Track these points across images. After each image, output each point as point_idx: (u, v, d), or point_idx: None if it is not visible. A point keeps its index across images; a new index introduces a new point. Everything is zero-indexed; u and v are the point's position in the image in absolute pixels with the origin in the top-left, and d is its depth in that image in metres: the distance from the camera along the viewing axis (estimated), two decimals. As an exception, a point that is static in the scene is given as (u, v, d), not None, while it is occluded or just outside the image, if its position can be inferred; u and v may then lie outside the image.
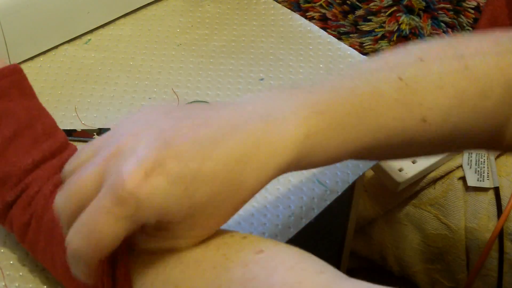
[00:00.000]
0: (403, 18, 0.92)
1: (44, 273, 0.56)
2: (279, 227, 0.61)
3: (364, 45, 0.95)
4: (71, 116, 0.70)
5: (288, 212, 0.62)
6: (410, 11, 0.93)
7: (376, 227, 0.98)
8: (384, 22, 0.93)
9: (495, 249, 0.87)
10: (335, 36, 0.85)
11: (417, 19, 0.92)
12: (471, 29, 0.94)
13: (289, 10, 0.85)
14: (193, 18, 0.83)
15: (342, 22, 0.96)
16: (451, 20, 0.93)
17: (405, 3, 0.92)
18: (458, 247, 0.90)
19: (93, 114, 0.70)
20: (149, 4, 0.84)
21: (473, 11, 0.94)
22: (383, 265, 1.01)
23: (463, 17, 0.94)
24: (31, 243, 0.52)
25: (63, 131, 0.67)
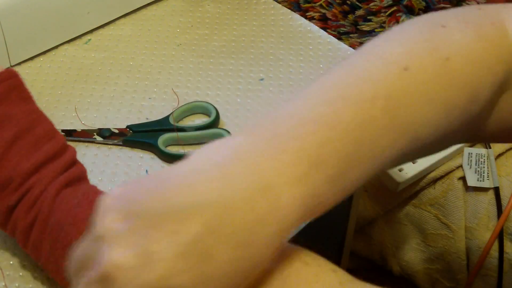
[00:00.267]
0: (403, 18, 0.92)
1: (44, 274, 0.56)
2: (279, 227, 0.61)
3: (364, 45, 0.95)
4: (71, 116, 0.70)
5: (288, 212, 0.61)
6: (410, 11, 0.93)
7: (376, 227, 0.98)
8: (384, 22, 0.93)
9: (495, 249, 0.87)
10: (335, 36, 0.85)
11: (417, 19, 0.92)
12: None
13: (289, 10, 0.85)
14: (193, 18, 0.83)
15: (342, 22, 0.96)
16: (451, 20, 0.93)
17: (405, 3, 0.92)
18: (458, 247, 0.90)
19: (93, 114, 0.70)
20: (149, 4, 0.84)
21: (473, 11, 0.94)
22: (383, 265, 1.01)
23: (463, 17, 0.94)
24: (34, 245, 0.52)
25: (63, 131, 0.68)
